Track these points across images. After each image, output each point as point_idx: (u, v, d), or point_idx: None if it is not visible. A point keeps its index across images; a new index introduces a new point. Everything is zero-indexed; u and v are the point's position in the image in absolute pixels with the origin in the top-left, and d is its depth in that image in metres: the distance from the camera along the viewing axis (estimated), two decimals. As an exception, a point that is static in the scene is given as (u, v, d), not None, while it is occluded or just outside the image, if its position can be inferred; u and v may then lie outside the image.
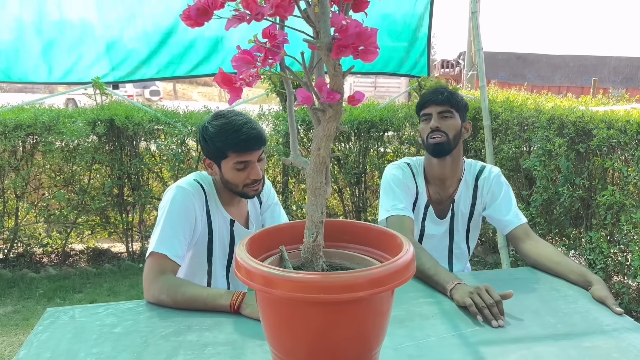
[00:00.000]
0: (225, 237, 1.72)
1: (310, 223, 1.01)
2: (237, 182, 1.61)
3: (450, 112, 1.85)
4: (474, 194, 1.94)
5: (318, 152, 0.96)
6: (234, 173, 1.59)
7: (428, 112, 1.87)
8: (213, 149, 1.58)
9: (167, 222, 1.54)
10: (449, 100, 1.84)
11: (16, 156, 3.89)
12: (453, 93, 1.87)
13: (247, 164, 1.58)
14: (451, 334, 1.29)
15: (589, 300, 1.48)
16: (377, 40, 0.84)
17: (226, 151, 1.56)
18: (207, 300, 1.40)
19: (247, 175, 1.59)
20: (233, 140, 1.54)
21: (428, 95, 1.89)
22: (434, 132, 1.83)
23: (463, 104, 1.89)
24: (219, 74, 0.94)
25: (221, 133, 1.55)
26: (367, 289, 0.90)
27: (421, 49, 4.67)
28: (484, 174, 1.93)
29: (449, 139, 1.83)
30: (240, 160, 1.57)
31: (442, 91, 1.87)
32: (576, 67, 21.75)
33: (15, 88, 17.55)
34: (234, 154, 1.56)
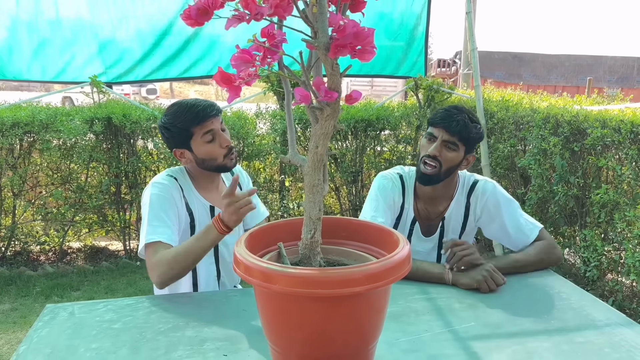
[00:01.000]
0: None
1: (308, 220, 1.03)
2: (215, 155, 1.66)
3: (455, 145, 1.70)
4: (466, 211, 1.83)
5: (316, 150, 0.98)
6: (206, 147, 1.64)
7: (434, 134, 1.73)
8: (177, 133, 1.65)
9: (152, 214, 1.58)
10: (460, 133, 1.69)
11: (13, 154, 3.89)
12: (469, 125, 1.70)
13: (214, 134, 1.65)
14: (445, 329, 1.31)
15: (582, 296, 1.50)
16: (374, 40, 0.85)
17: (190, 128, 1.63)
18: (199, 243, 1.48)
19: (219, 145, 1.66)
20: (191, 115, 1.63)
21: (442, 116, 1.72)
22: (429, 159, 1.72)
23: (476, 138, 1.74)
24: (218, 72, 0.95)
25: (178, 115, 1.64)
26: (364, 284, 0.92)
27: (419, 49, 4.69)
28: (476, 190, 1.81)
29: (440, 171, 1.72)
30: (206, 131, 1.63)
31: (458, 119, 1.69)
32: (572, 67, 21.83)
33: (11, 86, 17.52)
34: (197, 128, 1.63)
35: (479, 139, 1.77)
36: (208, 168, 1.70)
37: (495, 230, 1.82)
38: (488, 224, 1.82)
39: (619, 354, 1.19)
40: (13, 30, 4.17)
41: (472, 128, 1.71)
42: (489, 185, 1.81)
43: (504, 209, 1.77)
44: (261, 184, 4.26)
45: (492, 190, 1.79)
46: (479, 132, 1.74)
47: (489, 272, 1.52)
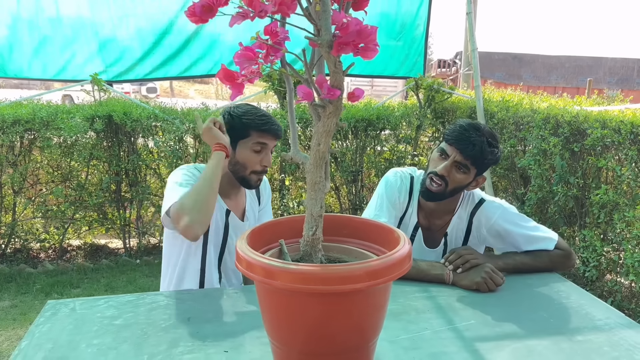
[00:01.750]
0: (220, 226, 1.75)
1: (309, 217, 1.03)
2: (249, 165, 1.67)
3: (467, 167, 1.65)
4: (468, 227, 1.79)
5: (318, 148, 0.98)
6: (249, 154, 1.65)
7: (447, 152, 1.66)
8: (236, 125, 1.65)
9: (178, 187, 1.57)
10: (474, 157, 1.62)
11: (14, 152, 3.90)
12: (485, 150, 1.61)
13: (264, 148, 1.66)
14: (445, 327, 1.31)
15: (581, 295, 1.51)
16: (377, 38, 0.86)
17: (250, 129, 1.64)
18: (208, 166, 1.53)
19: (260, 160, 1.67)
20: (261, 120, 1.65)
21: (458, 136, 1.63)
22: (436, 176, 1.67)
23: (490, 163, 1.67)
24: (221, 70, 0.96)
25: (251, 112, 1.67)
26: (365, 280, 0.92)
27: (419, 49, 4.71)
28: (480, 212, 1.76)
29: (445, 190, 1.68)
30: (261, 141, 1.65)
31: (475, 141, 1.61)
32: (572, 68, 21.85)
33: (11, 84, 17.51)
34: (256, 133, 1.64)
35: (495, 163, 1.70)
36: (234, 172, 1.70)
37: (508, 247, 1.77)
38: (500, 242, 1.77)
39: (618, 352, 1.19)
40: (14, 28, 4.18)
41: (489, 153, 1.63)
42: (496, 209, 1.74)
43: (514, 227, 1.71)
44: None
45: (500, 214, 1.73)
46: (495, 156, 1.66)
47: (488, 273, 1.52)
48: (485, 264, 1.55)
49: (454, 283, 1.56)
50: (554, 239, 1.70)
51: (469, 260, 1.57)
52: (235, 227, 1.77)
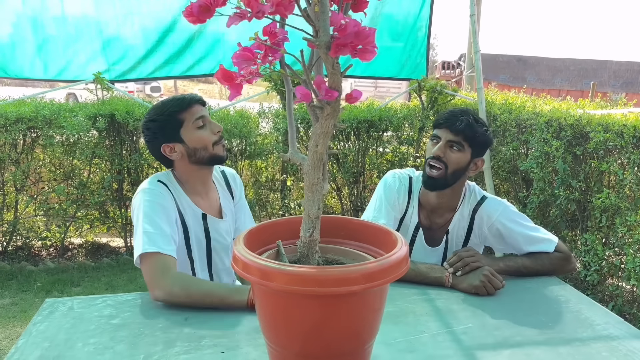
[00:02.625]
0: (200, 232, 1.69)
1: (307, 218, 1.03)
2: (206, 142, 1.62)
3: (461, 145, 1.66)
4: (470, 225, 1.78)
5: (316, 149, 0.98)
6: (198, 133, 1.61)
7: (438, 135, 1.69)
8: (166, 123, 1.61)
9: (147, 221, 1.50)
10: (464, 132, 1.64)
11: (17, 149, 3.90)
12: (474, 124, 1.66)
13: (205, 120, 1.64)
14: (443, 330, 1.31)
15: (580, 300, 1.50)
16: (375, 40, 0.86)
17: (179, 115, 1.61)
18: (224, 295, 1.38)
19: (210, 131, 1.63)
20: (178, 101, 1.62)
21: (445, 117, 1.70)
22: (434, 160, 1.68)
23: (482, 140, 1.68)
24: (219, 70, 0.95)
25: (165, 105, 1.62)
26: (361, 283, 0.92)
27: (422, 51, 4.70)
28: (482, 209, 1.75)
29: (446, 174, 1.67)
30: (197, 117, 1.61)
31: (462, 118, 1.66)
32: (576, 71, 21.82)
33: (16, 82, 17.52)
34: (187, 113, 1.61)
35: (487, 142, 1.72)
36: (200, 160, 1.64)
37: (510, 248, 1.77)
38: (500, 242, 1.76)
39: (616, 357, 1.19)
40: (17, 27, 4.18)
41: (478, 128, 1.67)
42: (499, 206, 1.74)
43: (515, 227, 1.70)
44: (263, 183, 4.27)
45: (502, 212, 1.72)
46: (485, 134, 1.69)
47: (487, 277, 1.51)
48: (484, 267, 1.54)
49: (453, 286, 1.55)
50: (554, 241, 1.70)
51: (469, 263, 1.56)
52: (215, 228, 1.72)
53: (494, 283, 1.51)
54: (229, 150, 4.02)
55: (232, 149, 4.05)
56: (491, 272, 1.53)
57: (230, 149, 4.04)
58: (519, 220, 1.72)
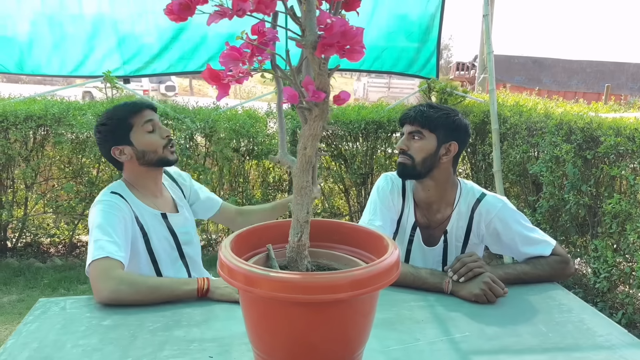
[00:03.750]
0: (165, 232, 1.72)
1: (295, 222, 1.00)
2: (155, 146, 1.67)
3: (419, 132, 1.68)
4: (469, 224, 1.74)
5: (304, 152, 0.96)
6: (147, 137, 1.66)
7: (402, 131, 1.75)
8: (116, 126, 1.65)
9: (98, 231, 1.51)
10: (418, 119, 1.67)
11: (27, 147, 3.93)
12: (427, 111, 1.68)
13: (154, 124, 1.68)
14: (440, 338, 1.27)
15: (583, 309, 1.45)
16: (362, 40, 0.83)
17: (128, 118, 1.65)
18: (172, 286, 1.42)
19: (159, 135, 1.68)
20: (128, 107, 1.68)
21: (403, 112, 1.76)
22: (400, 155, 1.72)
23: (442, 123, 1.67)
24: (206, 69, 0.93)
25: (116, 109, 1.69)
26: (348, 290, 0.89)
27: (431, 49, 4.65)
28: (482, 205, 1.72)
29: (413, 163, 1.68)
30: (146, 120, 1.66)
31: (416, 109, 1.70)
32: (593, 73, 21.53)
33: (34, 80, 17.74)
34: (136, 118, 1.66)
35: (451, 125, 1.68)
36: (149, 162, 1.68)
37: (505, 248, 1.74)
38: (496, 241, 1.73)
39: (617, 371, 1.15)
40: (34, 25, 4.21)
41: (432, 113, 1.67)
42: (498, 202, 1.71)
43: (514, 225, 1.68)
44: (270, 183, 4.25)
45: (501, 208, 1.70)
46: (445, 116, 1.68)
47: (487, 284, 1.47)
48: (485, 274, 1.50)
49: (453, 293, 1.51)
50: (552, 243, 1.67)
51: (472, 268, 1.52)
52: (176, 224, 1.76)
53: (495, 291, 1.47)
54: (237, 150, 4.01)
55: (239, 149, 4.04)
56: (492, 279, 1.49)
57: (238, 149, 4.03)
58: (517, 219, 1.69)
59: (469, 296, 1.47)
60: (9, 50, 4.22)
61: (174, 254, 1.75)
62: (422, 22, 4.57)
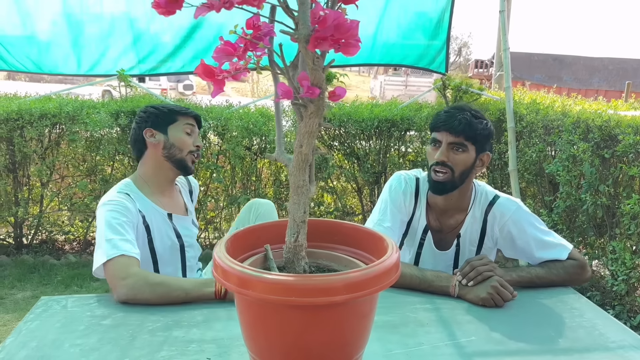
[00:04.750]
0: (170, 232, 1.74)
1: (292, 222, 0.98)
2: (184, 146, 1.74)
3: (464, 145, 1.58)
4: (483, 227, 1.69)
5: (300, 150, 0.93)
6: (182, 136, 1.74)
7: (438, 139, 1.61)
8: (163, 113, 1.74)
9: (109, 230, 1.50)
10: (465, 132, 1.56)
11: (42, 145, 3.97)
12: (473, 122, 1.57)
13: (193, 132, 1.77)
14: (445, 342, 1.24)
15: (595, 314, 1.40)
16: (358, 33, 0.80)
17: (176, 114, 1.75)
18: (191, 288, 1.40)
19: (192, 141, 1.76)
20: (181, 107, 1.80)
21: (443, 118, 1.60)
22: (438, 166, 1.59)
23: (484, 134, 1.60)
24: (200, 65, 0.91)
25: (169, 104, 1.82)
26: (343, 293, 0.86)
27: (441, 43, 4.59)
28: (496, 208, 1.66)
29: (453, 177, 1.60)
30: (189, 123, 1.76)
31: (460, 117, 1.56)
32: (615, 71, 21.09)
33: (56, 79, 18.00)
34: (183, 117, 1.76)
35: (489, 136, 1.64)
36: (170, 157, 1.73)
37: (519, 252, 1.68)
38: (510, 245, 1.68)
39: (629, 379, 1.10)
40: (52, 25, 4.25)
41: (477, 124, 1.58)
42: (512, 205, 1.66)
43: (529, 229, 1.63)
44: (283, 181, 4.23)
45: (515, 210, 1.64)
46: (486, 127, 1.61)
47: (495, 288, 1.41)
48: (493, 277, 1.45)
49: (460, 296, 1.47)
50: (568, 247, 1.61)
51: (482, 272, 1.46)
52: (183, 226, 1.79)
53: (502, 295, 1.42)
54: (249, 149, 4.00)
55: (252, 147, 4.03)
56: (501, 282, 1.44)
57: (250, 147, 4.02)
58: (532, 222, 1.64)
59: (476, 300, 1.43)
60: (27, 50, 4.27)
61: (175, 255, 1.75)
62: (433, 16, 4.51)
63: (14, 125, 3.73)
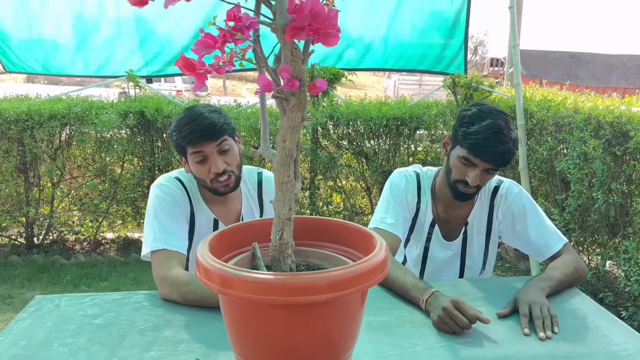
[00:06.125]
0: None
1: (277, 220, 0.95)
2: (203, 177, 1.55)
3: (496, 170, 1.57)
4: (490, 214, 1.71)
5: (284, 144, 0.90)
6: (196, 167, 1.54)
7: (474, 163, 1.53)
8: (176, 144, 1.58)
9: (157, 218, 1.51)
10: (505, 164, 1.54)
11: (52, 145, 4.00)
12: (513, 152, 1.52)
13: (206, 157, 1.52)
14: (440, 344, 1.20)
15: (600, 315, 1.35)
16: (337, 22, 0.77)
17: (184, 145, 1.53)
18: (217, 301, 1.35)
19: (208, 168, 1.53)
20: (185, 132, 1.51)
21: (485, 149, 1.49)
22: (468, 186, 1.56)
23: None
24: (180, 58, 0.89)
25: (178, 127, 1.53)
26: (326, 292, 0.83)
27: (458, 45, 4.51)
28: (500, 191, 1.70)
29: (479, 190, 1.63)
30: (196, 151, 1.52)
31: (504, 150, 1.48)
32: (634, 68, 20.69)
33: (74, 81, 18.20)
34: (189, 147, 1.52)
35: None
36: (201, 185, 1.61)
37: (516, 236, 1.69)
38: (510, 228, 1.69)
39: (632, 383, 1.05)
40: (59, 26, 4.29)
41: (514, 150, 1.55)
42: (514, 187, 1.70)
43: (529, 213, 1.65)
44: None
45: (518, 193, 1.68)
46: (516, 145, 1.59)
47: (447, 311, 1.23)
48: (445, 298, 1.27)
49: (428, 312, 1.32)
50: (564, 239, 1.62)
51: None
52: None
53: (456, 319, 1.22)
54: (257, 148, 3.97)
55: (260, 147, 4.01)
56: (456, 304, 1.24)
57: (258, 147, 4.00)
58: (533, 206, 1.67)
59: (433, 322, 1.28)
60: (34, 52, 4.32)
61: None
62: (449, 16, 4.44)
63: (24, 126, 3.77)
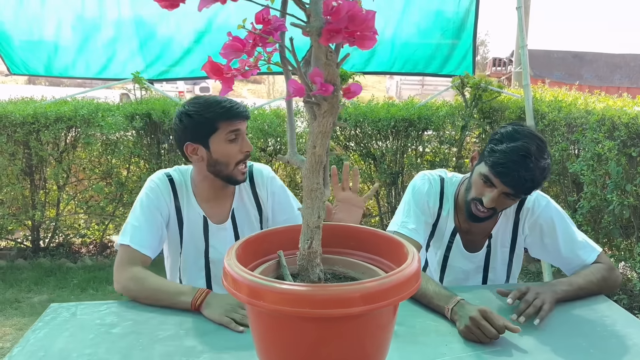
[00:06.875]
0: (198, 235, 1.63)
1: (305, 228, 0.92)
2: (230, 159, 1.54)
3: (516, 195, 1.47)
4: (515, 227, 1.63)
5: (314, 150, 0.87)
6: (226, 147, 1.52)
7: (493, 183, 1.45)
8: (201, 123, 1.51)
9: (135, 214, 1.55)
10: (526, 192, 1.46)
11: (58, 148, 3.97)
12: (540, 182, 1.43)
13: (239, 135, 1.54)
14: (468, 353, 1.17)
15: (629, 322, 1.32)
16: (374, 25, 0.74)
17: (216, 122, 1.51)
18: (170, 294, 1.38)
19: (239, 148, 1.54)
20: (223, 109, 1.51)
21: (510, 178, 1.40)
22: (483, 207, 1.48)
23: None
24: (208, 63, 0.86)
25: (208, 105, 1.52)
26: (359, 305, 0.80)
27: (466, 47, 4.47)
28: (527, 204, 1.60)
29: (495, 213, 1.53)
30: (233, 129, 1.52)
31: (528, 178, 1.39)
32: (638, 67, 20.64)
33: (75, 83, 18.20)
34: (225, 123, 1.51)
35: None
36: (217, 173, 1.57)
37: (545, 250, 1.61)
38: (538, 242, 1.61)
39: (669, 394, 1.02)
40: (60, 28, 4.27)
41: (542, 180, 1.43)
42: (542, 200, 1.61)
43: (558, 227, 1.56)
44: (299, 183, 4.18)
45: (546, 206, 1.59)
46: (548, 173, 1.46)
47: (475, 321, 1.21)
48: (473, 308, 1.25)
49: (453, 321, 1.30)
50: (597, 249, 1.54)
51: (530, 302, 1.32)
52: (214, 233, 1.64)
53: (484, 330, 1.20)
54: (264, 150, 3.96)
55: (267, 149, 3.98)
56: (484, 314, 1.22)
57: (265, 148, 3.98)
58: (563, 218, 1.59)
59: (460, 331, 1.25)
60: (37, 54, 4.30)
61: (199, 262, 1.66)
62: (456, 17, 4.40)
63: (30, 129, 3.74)
